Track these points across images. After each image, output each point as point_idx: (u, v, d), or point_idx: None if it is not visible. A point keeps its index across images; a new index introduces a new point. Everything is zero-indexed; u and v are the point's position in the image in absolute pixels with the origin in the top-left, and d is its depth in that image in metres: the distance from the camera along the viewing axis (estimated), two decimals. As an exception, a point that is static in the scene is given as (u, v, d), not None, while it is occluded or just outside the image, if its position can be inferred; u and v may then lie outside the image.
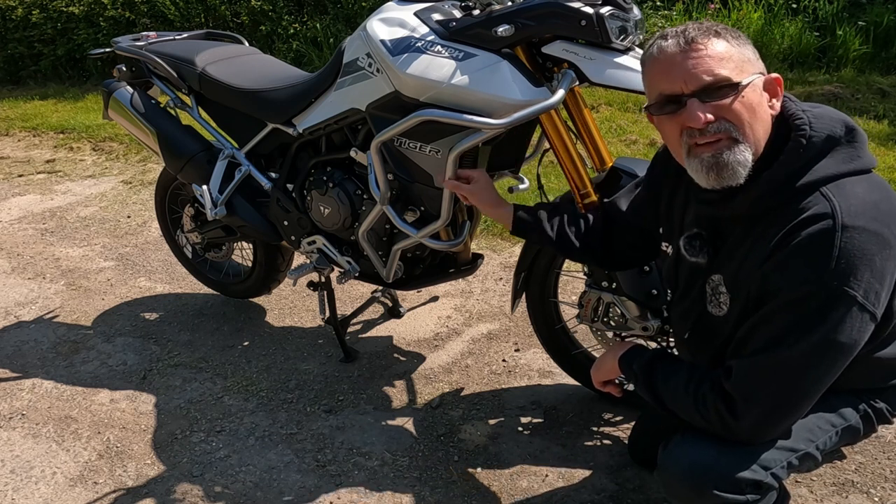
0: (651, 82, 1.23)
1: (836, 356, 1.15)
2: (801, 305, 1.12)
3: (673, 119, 1.20)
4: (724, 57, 1.15)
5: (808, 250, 1.11)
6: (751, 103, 1.16)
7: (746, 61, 1.17)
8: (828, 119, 1.18)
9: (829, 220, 1.10)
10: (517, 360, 2.30)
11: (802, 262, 1.11)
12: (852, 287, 1.09)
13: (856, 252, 1.09)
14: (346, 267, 2.15)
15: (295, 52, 6.03)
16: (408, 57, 1.70)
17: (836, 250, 1.09)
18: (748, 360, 1.19)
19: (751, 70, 1.17)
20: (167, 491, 1.85)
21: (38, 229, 3.69)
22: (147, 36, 2.49)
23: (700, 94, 1.15)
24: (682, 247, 1.35)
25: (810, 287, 1.11)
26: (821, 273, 1.10)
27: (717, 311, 1.31)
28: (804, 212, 1.13)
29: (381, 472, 1.86)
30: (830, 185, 1.14)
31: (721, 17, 5.10)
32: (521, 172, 2.05)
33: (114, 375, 2.38)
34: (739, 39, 1.18)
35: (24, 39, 7.21)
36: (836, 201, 1.11)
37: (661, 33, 1.21)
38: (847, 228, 1.09)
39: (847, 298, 1.10)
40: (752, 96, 1.16)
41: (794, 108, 1.21)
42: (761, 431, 1.22)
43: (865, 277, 1.09)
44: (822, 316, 1.11)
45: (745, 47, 1.18)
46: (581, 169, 1.72)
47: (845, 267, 1.09)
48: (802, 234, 1.12)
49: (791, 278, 1.12)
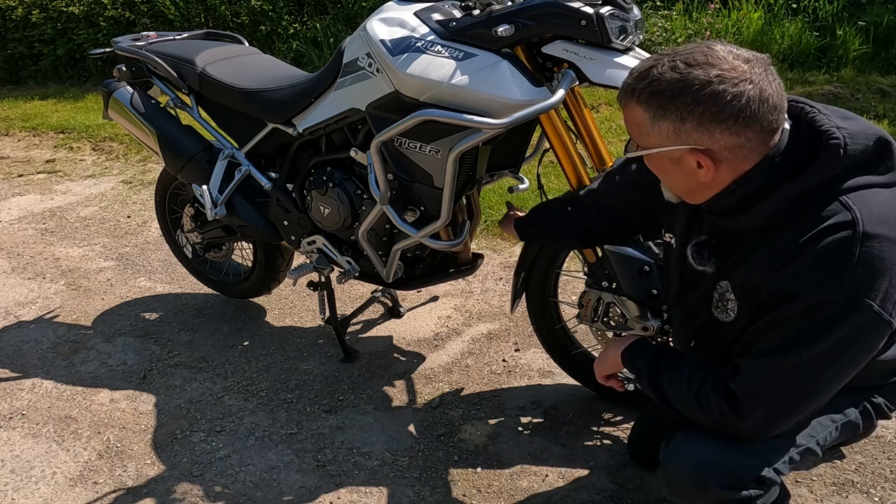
0: None
1: (846, 364, 1.14)
2: (817, 312, 1.11)
3: None
4: (636, 122, 1.18)
5: (827, 258, 1.09)
6: (658, 168, 1.23)
7: (654, 133, 1.16)
8: (862, 137, 1.13)
9: (849, 229, 1.08)
10: (517, 360, 2.30)
11: (821, 270, 1.09)
12: (870, 296, 1.08)
13: (875, 261, 1.07)
14: (346, 267, 2.15)
15: (295, 52, 6.03)
16: (408, 57, 1.70)
17: (854, 259, 1.07)
18: (757, 360, 1.18)
19: (655, 144, 1.17)
20: (167, 491, 1.85)
21: (38, 229, 3.69)
22: (147, 36, 2.49)
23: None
24: (690, 254, 1.33)
25: (827, 294, 1.09)
26: (839, 281, 1.08)
27: (724, 316, 1.30)
28: (825, 220, 1.10)
29: (381, 472, 1.86)
30: (851, 195, 1.11)
31: (721, 17, 5.10)
32: (521, 172, 2.05)
33: (114, 375, 2.38)
34: (665, 109, 1.12)
35: (24, 39, 7.20)
36: (856, 210, 1.09)
37: (641, 62, 1.19)
38: (868, 237, 1.08)
39: (864, 307, 1.08)
40: (657, 164, 1.22)
41: (827, 123, 1.15)
42: (763, 430, 1.22)
43: (884, 287, 1.08)
44: (838, 324, 1.10)
45: (664, 120, 1.13)
46: (581, 169, 1.72)
47: (863, 276, 1.07)
48: (823, 242, 1.10)
49: (809, 285, 1.10)
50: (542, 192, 1.94)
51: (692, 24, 5.12)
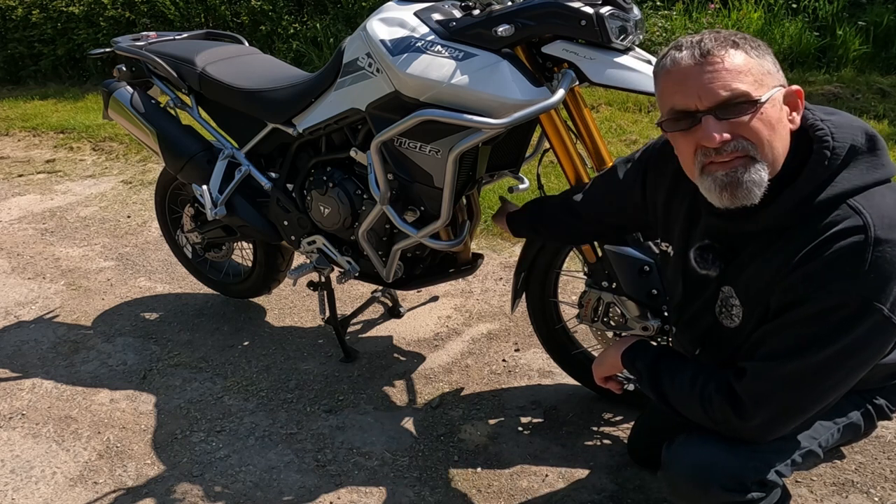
0: (664, 96, 1.16)
1: (854, 368, 1.14)
2: (827, 316, 1.10)
3: (687, 136, 1.14)
4: (743, 70, 1.08)
5: (838, 263, 1.08)
6: (770, 120, 1.10)
7: (766, 74, 1.10)
8: (848, 128, 1.14)
9: (861, 234, 1.08)
10: (517, 360, 2.30)
11: (832, 275, 1.09)
12: (881, 300, 1.07)
13: (887, 266, 1.07)
14: (346, 267, 2.15)
15: (295, 52, 6.03)
16: (408, 57, 1.70)
17: (867, 264, 1.07)
18: (764, 363, 1.17)
19: (771, 83, 1.10)
20: (167, 491, 1.85)
21: (38, 229, 3.69)
22: (147, 36, 2.49)
23: (716, 111, 1.09)
24: (693, 258, 1.31)
25: (838, 298, 1.08)
26: (851, 286, 1.08)
27: (728, 322, 1.29)
28: (835, 225, 1.10)
29: (381, 472, 1.86)
30: (858, 197, 1.11)
31: (721, 17, 5.11)
32: (521, 172, 2.05)
33: (114, 375, 2.38)
34: (759, 50, 1.11)
35: (24, 39, 7.21)
36: (867, 214, 1.09)
37: (676, 43, 1.14)
38: (880, 242, 1.07)
39: (875, 311, 1.08)
40: (771, 112, 1.10)
41: (811, 116, 1.16)
42: (767, 433, 1.21)
43: (894, 291, 1.08)
44: (848, 328, 1.09)
45: (764, 58, 1.11)
46: (581, 169, 1.72)
47: (875, 280, 1.07)
48: (834, 248, 1.09)
49: (819, 289, 1.10)
50: (542, 193, 1.94)
51: (692, 24, 5.12)
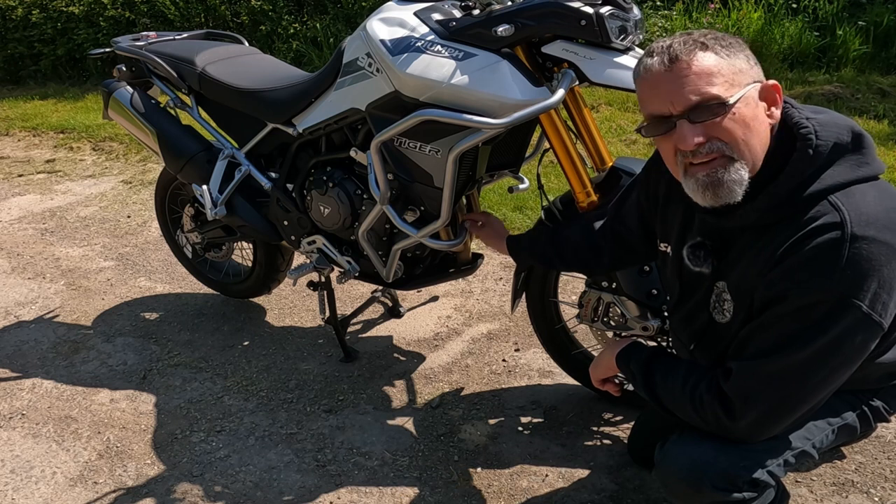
0: (641, 102, 1.20)
1: (838, 365, 1.14)
2: (808, 313, 1.11)
3: (665, 140, 1.17)
4: (713, 72, 1.10)
5: (816, 260, 1.09)
6: (744, 118, 1.11)
7: (738, 73, 1.12)
8: (833, 126, 1.15)
9: (838, 230, 1.08)
10: (517, 360, 2.30)
11: (810, 271, 1.10)
12: (858, 297, 1.08)
13: (863, 262, 1.07)
14: (346, 267, 2.15)
15: (295, 52, 6.03)
16: (408, 57, 1.70)
17: (843, 261, 1.07)
18: (749, 362, 1.18)
19: (743, 81, 1.12)
20: (167, 491, 1.85)
21: (38, 229, 3.69)
22: (147, 36, 2.49)
23: (689, 115, 1.11)
24: (686, 256, 1.33)
25: (817, 296, 1.09)
26: (827, 282, 1.08)
27: (720, 317, 1.30)
28: (813, 221, 1.11)
29: (381, 472, 1.86)
30: (839, 194, 1.11)
31: (721, 17, 5.10)
32: (521, 172, 2.05)
33: (114, 375, 2.38)
34: (730, 49, 1.12)
35: (24, 39, 7.20)
36: (845, 210, 1.09)
37: (648, 49, 1.16)
38: (856, 238, 1.08)
39: (853, 308, 1.08)
40: (745, 111, 1.12)
41: (797, 115, 1.17)
42: (757, 432, 1.22)
43: (872, 288, 1.08)
44: (827, 325, 1.10)
45: (736, 57, 1.12)
46: (581, 169, 1.72)
47: (852, 277, 1.07)
48: (811, 244, 1.10)
49: (798, 286, 1.11)
50: (542, 193, 1.94)
51: (692, 24, 5.12)
